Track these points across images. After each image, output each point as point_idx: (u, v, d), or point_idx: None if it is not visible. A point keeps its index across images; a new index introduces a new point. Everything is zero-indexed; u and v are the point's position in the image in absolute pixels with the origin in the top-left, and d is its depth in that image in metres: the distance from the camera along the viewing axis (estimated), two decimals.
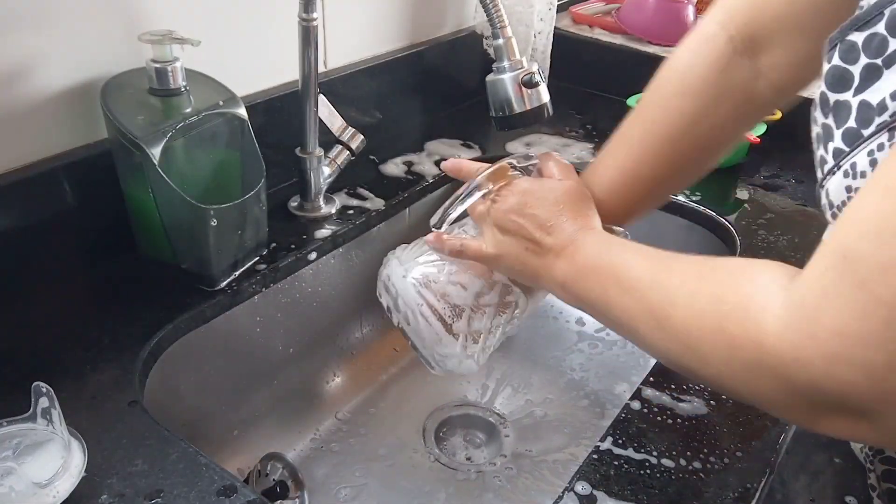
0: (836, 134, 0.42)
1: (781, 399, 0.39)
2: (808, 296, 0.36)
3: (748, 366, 0.39)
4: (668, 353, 0.48)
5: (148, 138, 0.64)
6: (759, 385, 0.39)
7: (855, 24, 0.41)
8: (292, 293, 0.83)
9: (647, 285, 0.48)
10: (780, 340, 0.37)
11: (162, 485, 0.53)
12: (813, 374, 0.35)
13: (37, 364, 0.63)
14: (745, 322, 0.39)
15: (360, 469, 0.83)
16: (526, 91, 0.66)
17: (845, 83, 0.41)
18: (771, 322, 0.38)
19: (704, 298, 0.43)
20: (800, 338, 0.36)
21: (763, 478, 0.57)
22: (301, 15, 0.75)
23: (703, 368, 0.44)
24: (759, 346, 0.38)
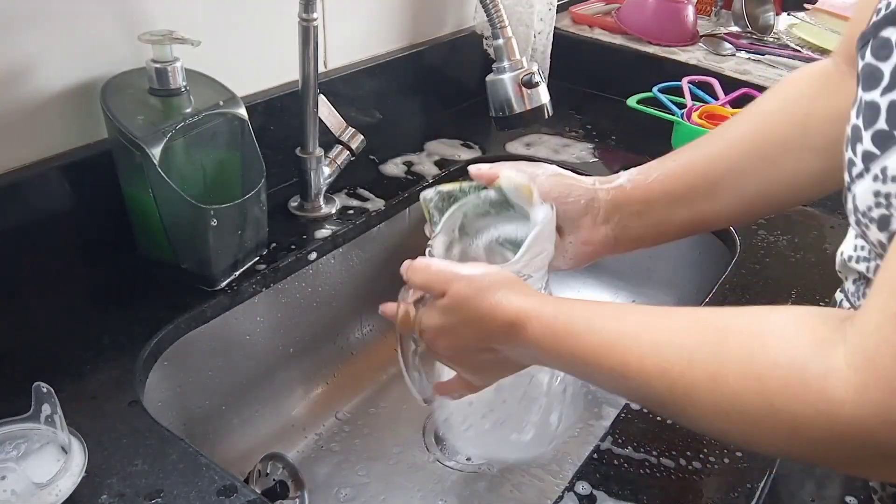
0: (864, 135, 0.39)
1: (861, 462, 0.36)
2: (882, 347, 0.33)
3: (818, 440, 0.35)
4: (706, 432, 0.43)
5: (148, 138, 0.64)
6: (833, 454, 0.36)
7: (889, 20, 0.39)
8: (292, 293, 0.83)
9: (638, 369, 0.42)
10: (858, 406, 0.33)
11: (162, 485, 0.53)
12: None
13: (37, 364, 0.63)
14: (806, 396, 0.34)
15: (361, 469, 0.83)
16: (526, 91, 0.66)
17: (875, 81, 0.39)
18: (841, 388, 0.33)
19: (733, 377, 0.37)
20: (884, 397, 0.32)
21: (763, 478, 0.57)
22: (301, 15, 0.75)
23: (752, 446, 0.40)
24: (834, 418, 0.33)
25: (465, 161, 1.04)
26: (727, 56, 1.29)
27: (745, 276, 0.83)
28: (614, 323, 0.45)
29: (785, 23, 1.43)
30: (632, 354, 0.42)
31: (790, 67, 1.25)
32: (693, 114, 1.08)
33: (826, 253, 0.87)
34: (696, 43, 1.33)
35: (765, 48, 1.32)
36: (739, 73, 1.21)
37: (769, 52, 1.31)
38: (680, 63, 1.24)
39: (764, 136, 0.59)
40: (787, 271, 0.84)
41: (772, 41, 1.38)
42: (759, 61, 1.27)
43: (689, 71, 1.21)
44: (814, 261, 0.86)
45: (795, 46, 1.32)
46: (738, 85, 1.16)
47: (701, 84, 1.18)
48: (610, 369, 0.44)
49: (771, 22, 1.43)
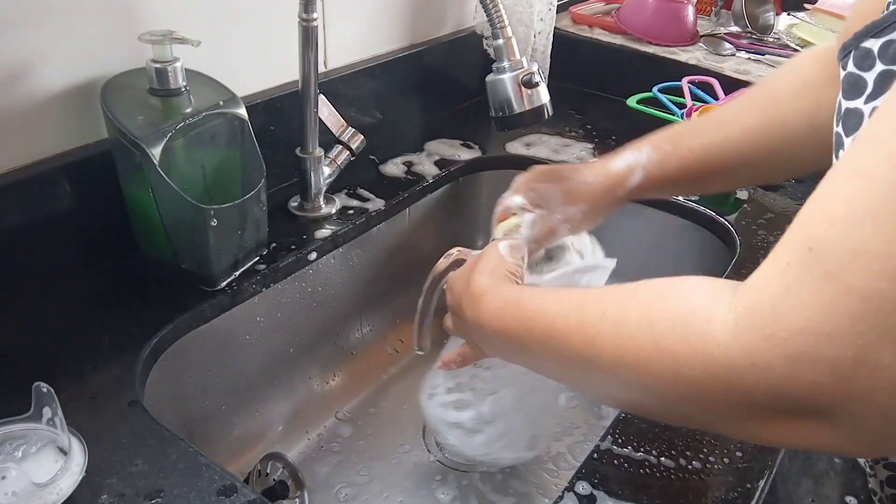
0: (846, 142, 0.41)
1: (737, 413, 0.36)
2: (765, 295, 0.34)
3: (697, 383, 0.36)
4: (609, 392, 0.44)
5: (148, 138, 0.64)
6: (712, 401, 0.36)
7: (871, 31, 0.39)
8: (292, 293, 0.83)
9: (561, 332, 0.44)
10: (731, 348, 0.34)
11: (162, 485, 0.53)
12: (773, 378, 0.33)
13: (37, 364, 0.63)
14: (687, 336, 0.36)
15: (361, 469, 0.83)
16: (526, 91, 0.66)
17: (858, 91, 0.40)
18: (719, 330, 0.35)
19: (632, 324, 0.40)
20: (755, 340, 0.33)
21: (763, 478, 0.57)
22: (301, 15, 0.75)
23: (647, 399, 0.41)
24: (708, 357, 0.35)
25: (465, 161, 1.04)
26: (727, 56, 1.29)
27: (745, 276, 0.82)
28: (553, 294, 0.48)
29: (785, 23, 1.43)
30: (560, 316, 0.45)
31: None
32: (693, 114, 1.08)
33: None
34: (696, 43, 1.33)
35: (765, 48, 1.32)
36: (739, 73, 1.21)
37: (769, 52, 1.31)
38: (680, 63, 1.24)
39: (776, 129, 0.61)
40: None
41: (772, 41, 1.38)
42: (759, 61, 1.27)
43: (689, 71, 1.21)
44: None
45: (795, 46, 1.32)
46: (738, 85, 1.16)
47: (701, 84, 1.18)
48: (541, 332, 0.46)
49: (771, 22, 1.43)
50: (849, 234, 0.31)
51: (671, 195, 0.70)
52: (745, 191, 1.01)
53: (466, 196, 1.07)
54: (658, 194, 0.70)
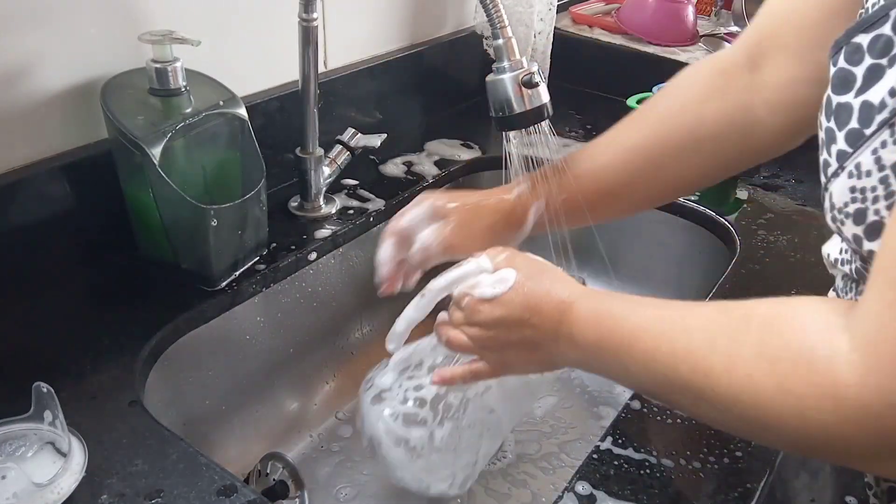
0: (838, 136, 0.41)
1: (871, 452, 0.36)
2: (883, 332, 0.33)
3: (827, 424, 0.35)
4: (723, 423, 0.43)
5: (148, 138, 0.64)
6: (844, 442, 0.36)
7: (861, 27, 0.40)
8: (292, 293, 0.83)
9: (667, 355, 0.43)
10: (864, 389, 0.33)
11: (162, 485, 0.53)
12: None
13: (37, 364, 0.63)
14: (813, 377, 0.35)
15: (361, 469, 0.83)
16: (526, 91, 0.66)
17: (848, 85, 0.41)
18: (846, 371, 0.34)
19: (749, 361, 0.39)
20: (889, 382, 0.32)
21: (763, 478, 0.57)
22: (301, 15, 0.75)
23: (767, 434, 0.40)
24: (840, 400, 0.34)
25: (465, 161, 1.04)
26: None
27: (745, 276, 0.83)
28: (652, 309, 0.47)
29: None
30: (664, 338, 0.44)
31: None
32: None
33: None
34: (696, 43, 1.33)
35: None
36: None
37: None
38: (680, 63, 1.24)
39: (658, 147, 0.63)
40: (786, 271, 0.84)
41: None
42: None
43: None
44: (813, 261, 0.86)
45: None
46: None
47: None
48: (641, 352, 0.45)
49: None
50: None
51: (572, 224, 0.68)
52: (745, 191, 1.01)
53: None
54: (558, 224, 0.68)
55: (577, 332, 0.50)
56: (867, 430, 0.34)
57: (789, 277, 0.84)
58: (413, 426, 0.64)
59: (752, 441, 0.59)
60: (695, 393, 0.42)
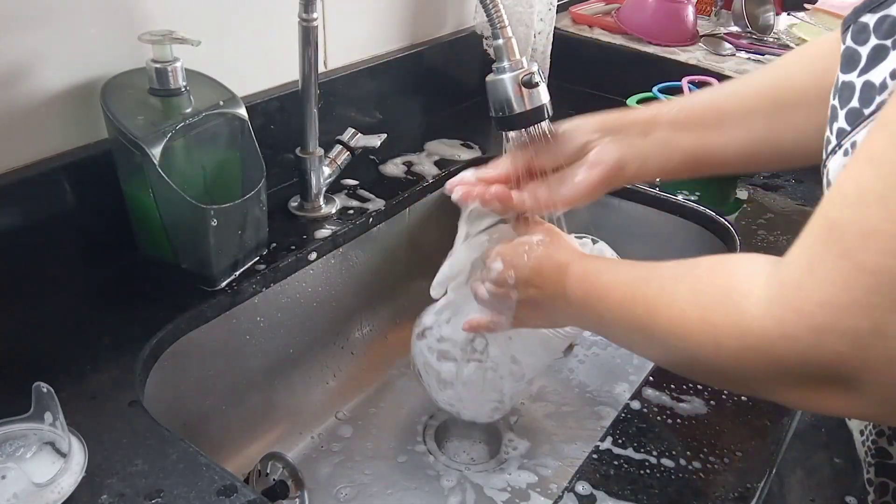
0: (840, 114, 0.42)
1: (771, 379, 0.39)
2: (794, 272, 0.36)
3: (736, 352, 0.39)
4: (664, 359, 0.48)
5: (148, 138, 0.64)
6: (749, 369, 0.39)
7: (868, 6, 0.41)
8: (292, 293, 0.83)
9: (630, 301, 0.49)
10: (764, 320, 0.37)
11: (162, 485, 0.53)
12: (800, 348, 0.35)
13: (37, 364, 0.63)
14: (727, 309, 0.40)
15: (361, 469, 0.83)
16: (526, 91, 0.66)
17: (853, 64, 0.41)
18: (754, 304, 0.38)
19: (684, 297, 0.44)
20: (784, 313, 0.36)
21: (763, 478, 0.57)
22: (301, 15, 0.75)
23: (694, 365, 0.45)
24: (744, 330, 0.38)
25: (465, 161, 1.04)
26: (727, 56, 1.29)
27: None
28: (628, 267, 0.52)
29: (785, 23, 1.43)
30: (630, 287, 0.49)
31: None
32: None
33: None
34: (696, 43, 1.33)
35: (765, 48, 1.32)
36: (739, 73, 1.21)
37: (769, 52, 1.31)
38: (680, 63, 1.24)
39: (780, 82, 0.61)
40: None
41: (772, 41, 1.38)
42: (759, 61, 1.27)
43: (689, 71, 1.21)
44: None
45: (795, 46, 1.32)
46: None
47: (701, 84, 1.18)
48: (614, 302, 0.51)
49: (771, 22, 1.43)
50: (861, 215, 0.34)
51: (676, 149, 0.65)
52: (745, 191, 1.01)
53: None
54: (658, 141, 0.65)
55: (570, 290, 0.55)
56: (767, 358, 0.37)
57: None
58: (444, 360, 0.74)
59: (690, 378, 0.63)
60: (646, 332, 0.47)
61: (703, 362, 0.43)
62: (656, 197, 0.99)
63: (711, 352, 0.41)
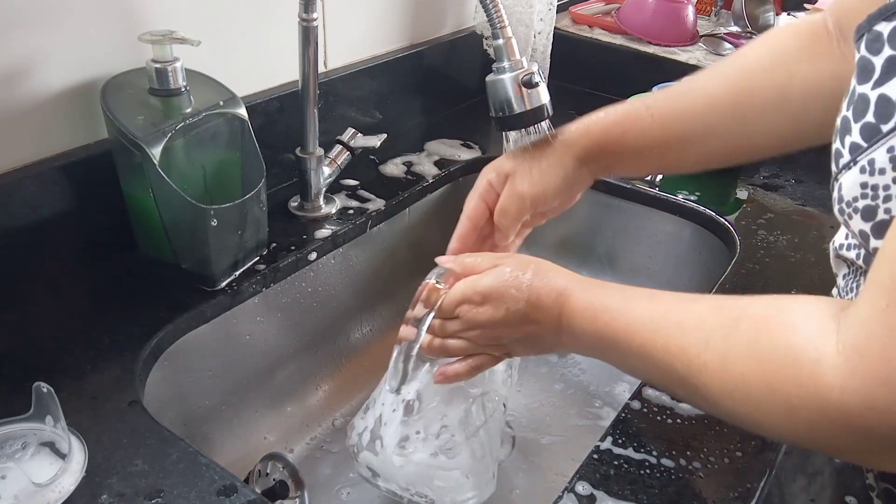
0: (853, 127, 0.41)
1: (857, 448, 0.37)
2: (871, 339, 0.34)
3: (813, 423, 0.36)
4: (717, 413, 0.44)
5: (148, 138, 0.64)
6: (830, 439, 0.37)
7: (883, 14, 0.39)
8: (292, 293, 0.83)
9: (661, 351, 0.44)
10: (847, 392, 0.34)
11: (162, 485, 0.53)
12: (892, 420, 0.33)
13: (37, 364, 0.63)
14: (800, 378, 0.36)
15: None
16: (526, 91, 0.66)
17: (867, 75, 0.40)
18: (831, 373, 0.35)
19: (740, 360, 0.40)
20: (871, 386, 0.33)
21: (763, 478, 0.57)
22: (301, 15, 0.75)
23: (760, 429, 0.42)
24: (824, 402, 0.35)
25: (465, 161, 1.04)
26: (727, 56, 1.29)
27: (745, 276, 0.83)
28: (647, 303, 0.47)
29: (785, 22, 1.43)
30: (658, 334, 0.45)
31: None
32: None
33: (826, 253, 0.87)
34: (696, 43, 1.33)
35: None
36: None
37: None
38: (680, 63, 1.24)
39: (743, 98, 0.60)
40: (786, 271, 0.84)
41: None
42: None
43: (689, 71, 1.19)
44: (813, 261, 0.86)
45: None
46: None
47: None
48: (638, 346, 0.46)
49: (771, 22, 1.43)
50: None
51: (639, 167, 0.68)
52: (745, 191, 1.01)
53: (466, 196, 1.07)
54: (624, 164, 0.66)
55: (577, 324, 0.51)
56: (850, 430, 0.35)
57: (789, 277, 0.84)
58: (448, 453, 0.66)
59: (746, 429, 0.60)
60: (690, 388, 0.43)
61: (774, 429, 0.40)
62: (656, 197, 0.99)
63: (783, 421, 0.38)
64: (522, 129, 0.67)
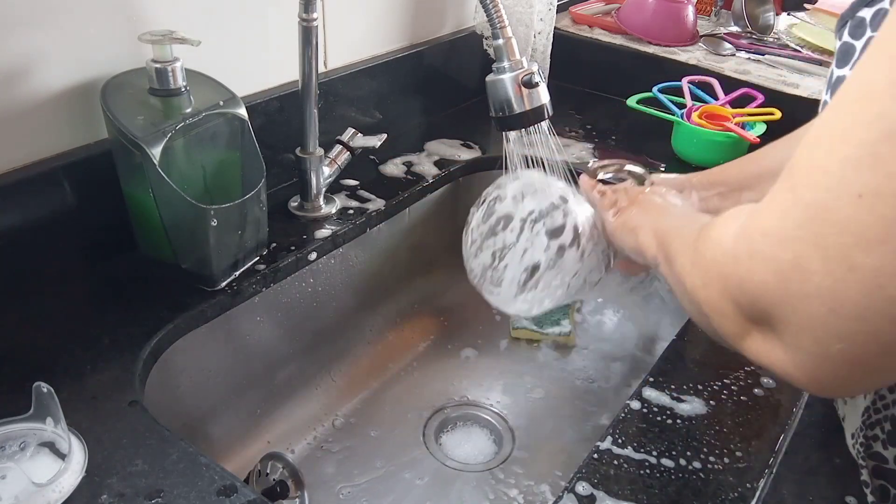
0: None
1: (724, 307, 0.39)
2: (756, 206, 0.37)
3: (706, 279, 0.41)
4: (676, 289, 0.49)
5: (148, 138, 0.64)
6: (712, 297, 0.40)
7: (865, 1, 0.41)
8: (292, 293, 0.83)
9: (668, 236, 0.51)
10: (723, 244, 0.39)
11: (162, 485, 0.53)
12: (740, 272, 0.36)
13: (37, 364, 0.63)
14: (709, 240, 0.41)
15: (361, 469, 0.83)
16: (526, 91, 0.66)
17: (848, 58, 0.42)
18: (727, 234, 0.39)
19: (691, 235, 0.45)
20: (738, 240, 0.37)
21: (763, 478, 0.57)
22: (301, 15, 0.75)
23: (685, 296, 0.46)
24: (714, 254, 0.40)
25: (465, 161, 1.04)
26: (727, 56, 1.29)
27: None
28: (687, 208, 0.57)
29: (785, 23, 1.43)
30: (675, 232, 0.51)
31: (790, 68, 1.25)
32: (693, 114, 1.08)
33: None
34: (696, 43, 1.33)
35: (765, 48, 1.32)
36: (739, 73, 1.21)
37: (769, 52, 1.31)
38: (680, 63, 1.24)
39: None
40: None
41: (772, 41, 1.38)
42: (759, 61, 1.27)
43: (689, 71, 1.21)
44: None
45: (795, 46, 1.32)
46: (738, 85, 1.16)
47: (701, 84, 1.18)
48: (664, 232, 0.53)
49: (771, 22, 1.43)
50: (809, 154, 0.35)
51: None
52: None
53: (466, 196, 1.07)
54: None
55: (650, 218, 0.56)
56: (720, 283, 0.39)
57: None
58: None
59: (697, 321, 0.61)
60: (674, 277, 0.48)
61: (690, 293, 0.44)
62: None
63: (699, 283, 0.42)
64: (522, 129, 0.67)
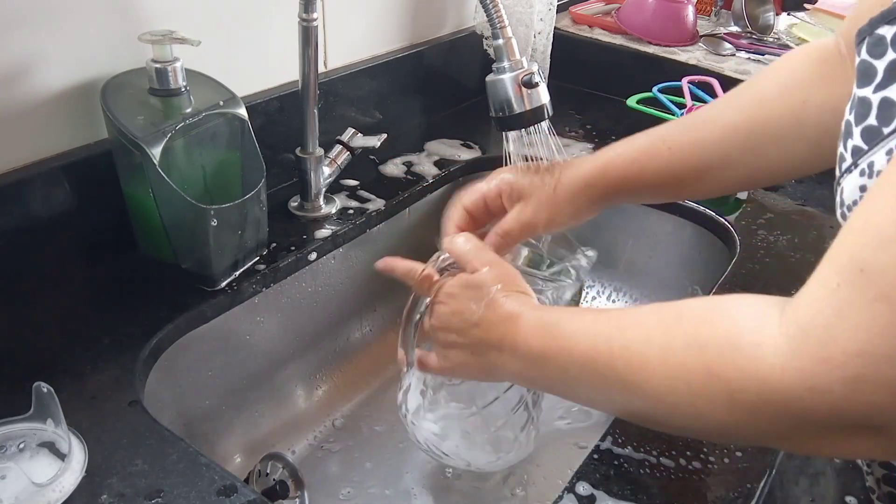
0: (855, 131, 0.40)
1: (796, 433, 0.36)
2: (817, 318, 0.34)
3: (753, 408, 0.36)
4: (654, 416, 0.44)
5: (148, 138, 0.64)
6: (770, 425, 0.37)
7: (885, 18, 0.39)
8: (292, 293, 0.83)
9: (604, 354, 0.44)
10: (786, 372, 0.34)
11: (162, 485, 0.53)
12: (832, 401, 0.33)
13: (37, 364, 0.63)
14: (740, 362, 0.36)
15: (361, 469, 0.83)
16: (526, 91, 0.66)
17: (869, 78, 0.40)
18: (771, 353, 0.35)
19: (681, 350, 0.40)
20: (812, 364, 0.33)
21: (763, 478, 0.57)
22: (301, 15, 0.75)
23: (698, 423, 0.41)
24: (764, 383, 0.35)
25: (465, 161, 1.04)
26: (727, 56, 1.29)
27: (745, 276, 0.83)
28: (592, 315, 0.48)
29: (785, 23, 1.43)
30: (601, 337, 0.45)
31: None
32: None
33: None
34: (696, 43, 1.33)
35: (765, 48, 1.32)
36: (739, 73, 1.21)
37: (769, 52, 1.31)
38: (680, 63, 1.24)
39: (759, 127, 0.59)
40: (786, 271, 0.84)
41: (772, 41, 1.38)
42: (759, 61, 1.27)
43: (689, 71, 1.21)
44: (813, 261, 0.85)
45: (795, 46, 1.32)
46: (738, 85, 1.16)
47: (701, 84, 1.18)
48: (580, 354, 0.46)
49: (771, 22, 1.43)
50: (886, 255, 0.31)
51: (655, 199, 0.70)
52: (744, 191, 1.01)
53: None
54: (640, 198, 0.69)
55: (521, 341, 0.50)
56: (790, 411, 0.35)
57: (789, 277, 0.84)
58: None
59: (682, 434, 0.59)
60: (630, 388, 0.42)
61: (713, 418, 0.39)
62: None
63: (723, 408, 0.37)
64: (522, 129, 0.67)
